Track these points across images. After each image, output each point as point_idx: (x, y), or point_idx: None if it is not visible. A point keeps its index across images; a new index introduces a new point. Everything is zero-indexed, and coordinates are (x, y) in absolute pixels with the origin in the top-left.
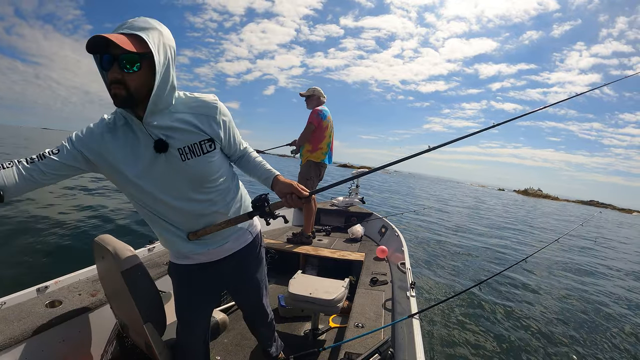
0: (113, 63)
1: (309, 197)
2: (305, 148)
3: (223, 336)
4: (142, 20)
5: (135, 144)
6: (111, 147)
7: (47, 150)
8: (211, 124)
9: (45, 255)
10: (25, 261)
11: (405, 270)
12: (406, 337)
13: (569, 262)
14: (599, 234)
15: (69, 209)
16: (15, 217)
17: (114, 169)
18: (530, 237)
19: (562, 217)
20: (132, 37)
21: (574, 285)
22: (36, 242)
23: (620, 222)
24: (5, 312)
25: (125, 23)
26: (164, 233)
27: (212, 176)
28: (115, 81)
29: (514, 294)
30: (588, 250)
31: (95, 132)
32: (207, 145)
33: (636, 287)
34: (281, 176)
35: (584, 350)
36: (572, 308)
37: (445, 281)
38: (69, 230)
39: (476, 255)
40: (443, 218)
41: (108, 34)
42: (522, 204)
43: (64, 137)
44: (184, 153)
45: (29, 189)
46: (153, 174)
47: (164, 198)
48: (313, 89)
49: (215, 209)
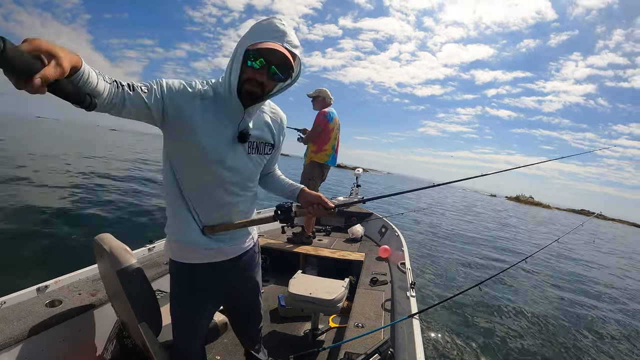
0: (264, 67)
1: (335, 209)
2: (310, 149)
3: (223, 336)
4: (295, 35)
5: (222, 122)
6: (198, 112)
7: (137, 84)
8: (279, 133)
9: (46, 255)
10: (25, 261)
11: (405, 270)
12: (406, 337)
13: (568, 262)
14: (595, 235)
15: (69, 205)
16: (15, 217)
17: (189, 132)
18: (528, 238)
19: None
20: (289, 52)
21: (573, 285)
22: (36, 242)
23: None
24: (5, 312)
25: (285, 34)
26: (182, 221)
27: (256, 177)
28: (257, 82)
29: (513, 294)
30: (586, 248)
31: (187, 92)
32: (268, 149)
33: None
34: (306, 188)
35: (584, 349)
36: (571, 307)
37: (445, 281)
38: (70, 229)
39: (476, 256)
40: (442, 219)
41: (284, 47)
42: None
43: (56, 125)
44: (251, 147)
45: (110, 111)
46: (221, 153)
47: (214, 180)
48: (319, 90)
49: (242, 209)
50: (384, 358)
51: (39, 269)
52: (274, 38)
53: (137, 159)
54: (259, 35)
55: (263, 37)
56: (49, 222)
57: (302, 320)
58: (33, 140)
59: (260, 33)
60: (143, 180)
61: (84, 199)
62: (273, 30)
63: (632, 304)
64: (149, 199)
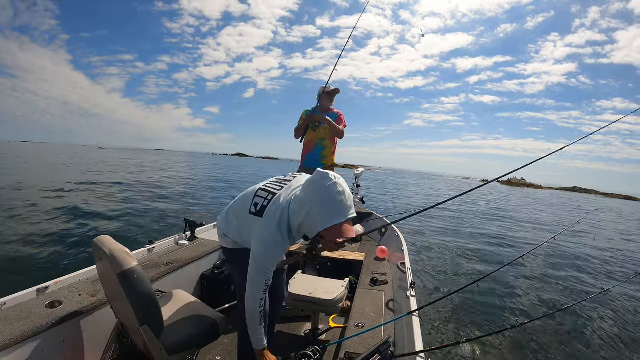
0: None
1: (343, 243)
2: (329, 149)
3: (223, 336)
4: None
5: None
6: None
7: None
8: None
9: (44, 254)
10: (26, 260)
11: (405, 270)
12: (406, 336)
13: (569, 256)
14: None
15: (65, 212)
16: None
17: None
18: (526, 231)
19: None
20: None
21: (573, 281)
22: (35, 242)
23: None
24: (6, 313)
25: (350, 207)
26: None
27: None
28: (334, 244)
29: (513, 290)
30: (586, 239)
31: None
32: None
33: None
34: None
35: (584, 348)
36: (573, 303)
37: (444, 278)
38: (70, 230)
39: (475, 251)
40: (439, 215)
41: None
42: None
43: (43, 149)
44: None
45: None
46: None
47: None
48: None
49: None
50: (384, 358)
51: (39, 270)
52: (343, 216)
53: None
54: (333, 215)
55: (338, 218)
56: (48, 224)
57: (302, 321)
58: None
59: (331, 212)
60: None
61: (83, 199)
62: (343, 207)
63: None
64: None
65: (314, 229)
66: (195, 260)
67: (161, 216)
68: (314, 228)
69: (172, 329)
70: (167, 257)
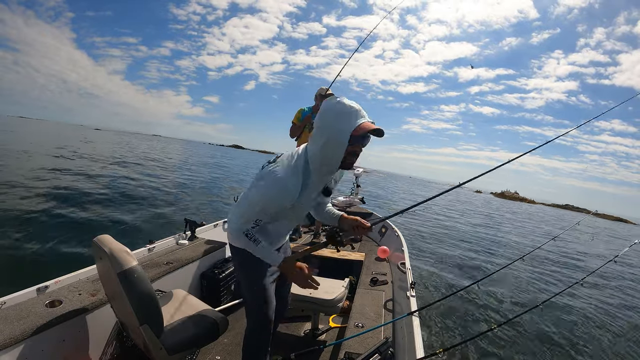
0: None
1: (371, 227)
2: None
3: (223, 336)
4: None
5: (317, 188)
6: (301, 196)
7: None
8: (338, 181)
9: (45, 254)
10: (26, 260)
11: (405, 270)
12: (406, 336)
13: (565, 258)
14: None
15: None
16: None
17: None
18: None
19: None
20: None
21: (571, 280)
22: (34, 241)
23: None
24: (6, 312)
25: (362, 111)
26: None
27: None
28: (356, 155)
29: (513, 291)
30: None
31: (292, 196)
32: (329, 192)
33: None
34: (345, 214)
35: (583, 347)
36: (570, 303)
37: (444, 280)
38: (69, 228)
39: (475, 252)
40: (437, 218)
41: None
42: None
43: (43, 125)
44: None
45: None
46: (306, 209)
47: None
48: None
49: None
50: (384, 358)
51: (39, 270)
52: (362, 117)
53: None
54: (350, 119)
55: (356, 119)
56: (44, 221)
57: (302, 320)
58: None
59: (349, 117)
60: None
61: (83, 197)
62: (356, 110)
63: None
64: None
65: (343, 136)
66: (195, 259)
67: (154, 216)
68: (341, 136)
69: (172, 328)
70: (167, 256)
